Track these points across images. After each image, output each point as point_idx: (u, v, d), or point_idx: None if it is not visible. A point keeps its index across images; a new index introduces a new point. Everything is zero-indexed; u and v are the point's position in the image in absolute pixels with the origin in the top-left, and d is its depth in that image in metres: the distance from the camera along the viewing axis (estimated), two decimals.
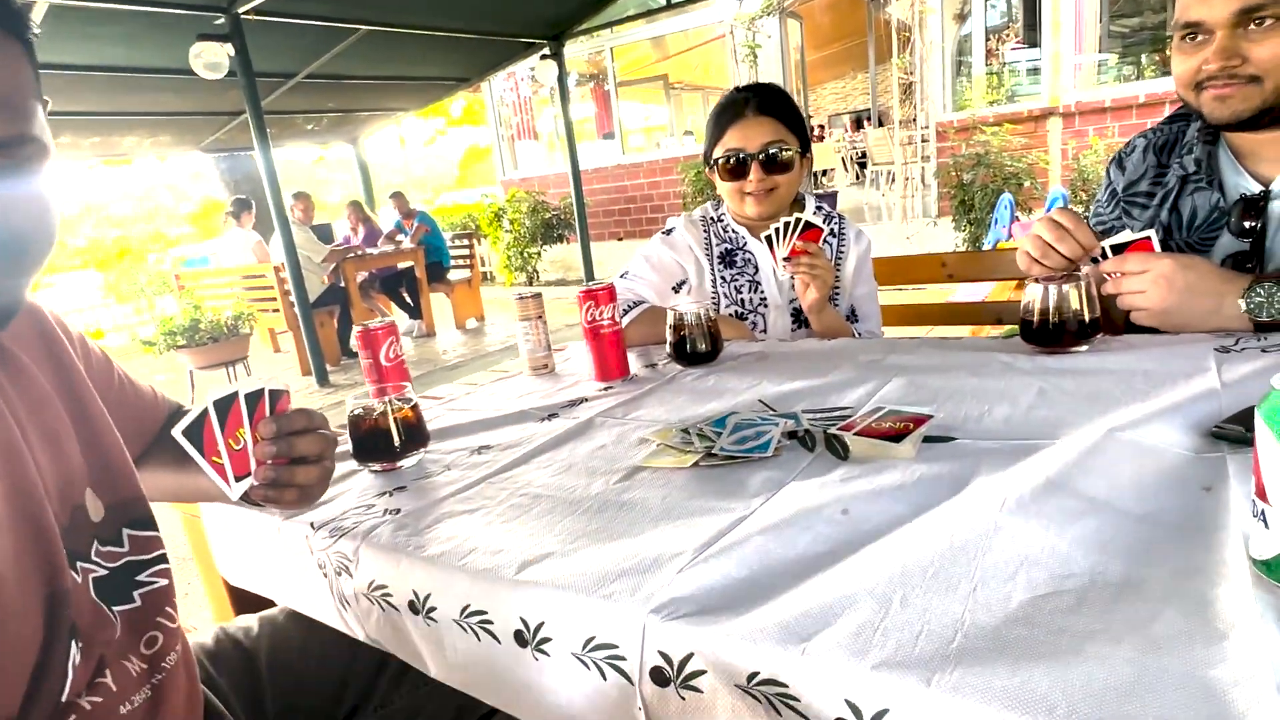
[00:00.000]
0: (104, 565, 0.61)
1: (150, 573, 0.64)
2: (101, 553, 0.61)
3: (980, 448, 0.74)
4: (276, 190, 4.88)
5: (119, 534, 0.63)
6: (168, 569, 0.66)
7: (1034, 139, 6.35)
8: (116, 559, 0.62)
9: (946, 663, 0.43)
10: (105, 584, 0.60)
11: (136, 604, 0.62)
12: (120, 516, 0.64)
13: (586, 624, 0.56)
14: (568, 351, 1.47)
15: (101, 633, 0.58)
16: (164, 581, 0.65)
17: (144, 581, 0.63)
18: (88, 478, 0.62)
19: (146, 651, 0.61)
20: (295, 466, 0.70)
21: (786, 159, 1.44)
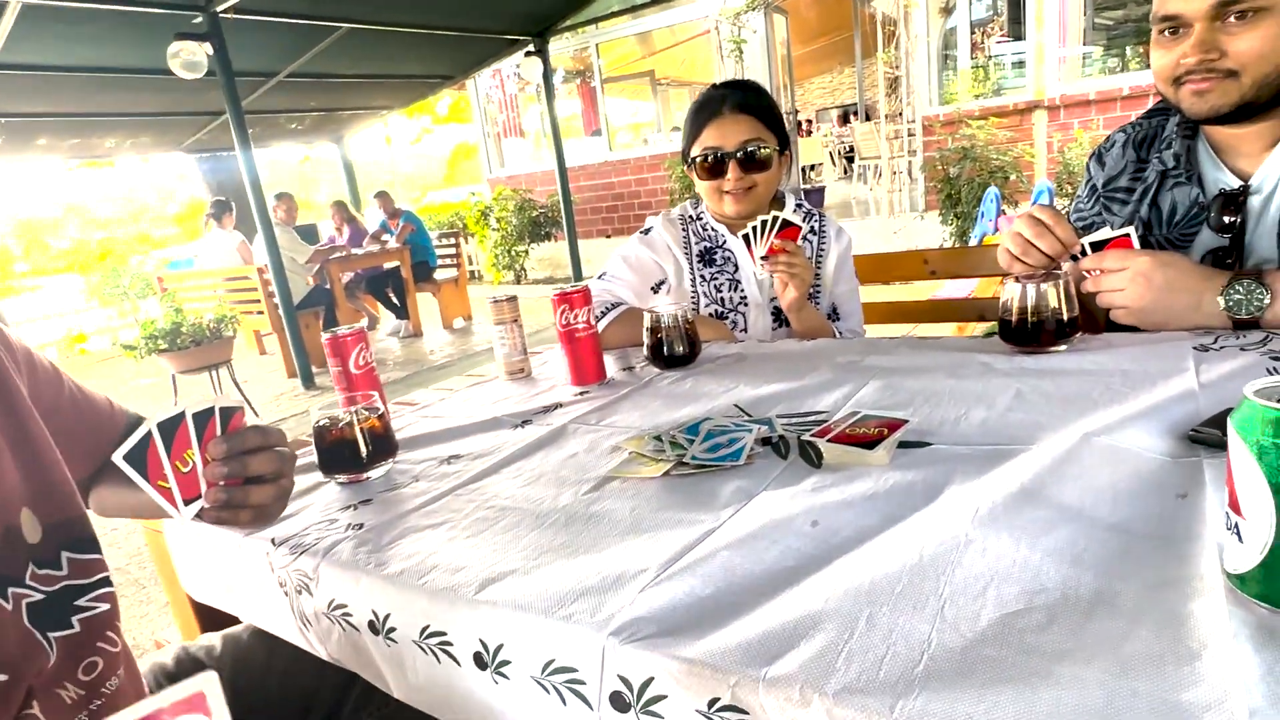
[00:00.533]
0: (40, 589, 0.58)
1: (91, 597, 0.61)
2: (38, 576, 0.58)
3: (955, 453, 0.72)
4: (259, 191, 4.82)
5: (57, 556, 0.60)
6: (111, 593, 0.64)
7: (1019, 132, 6.37)
8: (54, 583, 0.59)
9: (911, 688, 0.42)
10: (40, 609, 0.58)
11: (75, 630, 0.59)
12: (59, 538, 0.61)
13: (546, 646, 0.54)
14: (547, 355, 1.45)
15: (31, 662, 0.55)
16: (106, 606, 0.63)
17: (84, 606, 0.61)
18: (24, 497, 0.60)
19: (84, 678, 0.59)
20: (250, 486, 0.68)
21: (764, 157, 1.42)
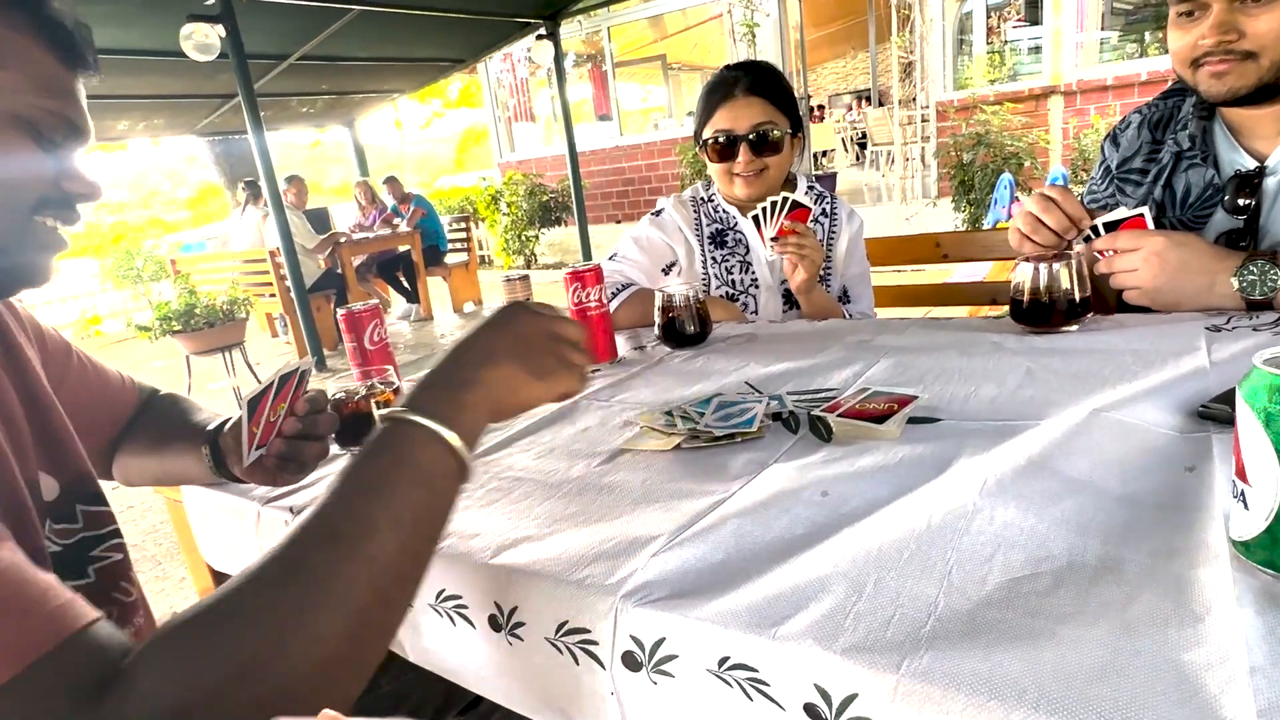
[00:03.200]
0: (57, 542, 0.60)
1: (104, 547, 0.64)
2: (56, 530, 0.60)
3: (964, 428, 0.73)
4: (271, 174, 4.84)
5: (73, 510, 0.63)
6: (122, 543, 0.66)
7: (1035, 118, 6.31)
8: (71, 535, 0.62)
9: (918, 647, 0.43)
10: (60, 561, 0.60)
11: (91, 579, 0.62)
12: (74, 493, 0.64)
13: (560, 608, 0.55)
14: None
15: None
16: (119, 556, 0.65)
17: (98, 556, 0.63)
18: (39, 459, 0.62)
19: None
20: (306, 442, 0.71)
21: (776, 140, 1.42)
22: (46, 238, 0.60)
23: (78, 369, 0.76)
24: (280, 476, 0.72)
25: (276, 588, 0.41)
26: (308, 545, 0.43)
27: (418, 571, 0.48)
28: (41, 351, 0.71)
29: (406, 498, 0.47)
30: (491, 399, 0.55)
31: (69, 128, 0.59)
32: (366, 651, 0.45)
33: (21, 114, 0.55)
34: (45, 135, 0.57)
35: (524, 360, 0.57)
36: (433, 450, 0.50)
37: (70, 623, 0.38)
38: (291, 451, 0.71)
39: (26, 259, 0.59)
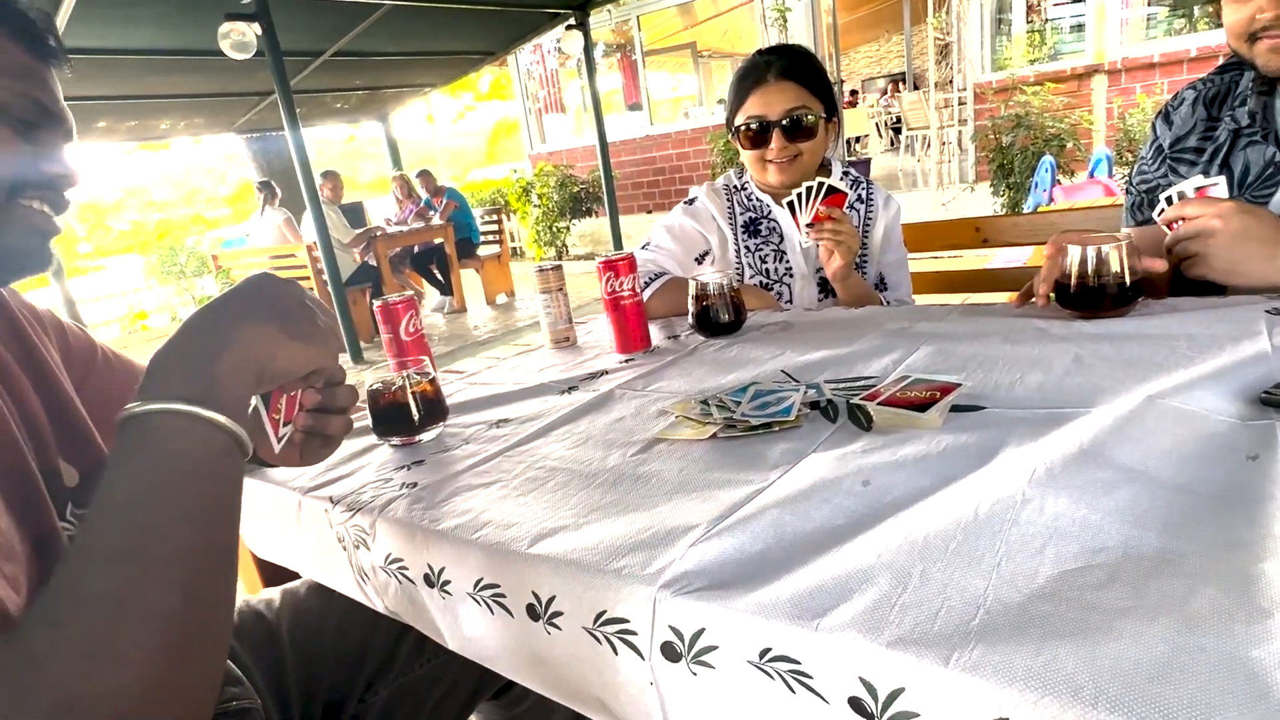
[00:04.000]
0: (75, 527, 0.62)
1: None
2: (77, 514, 0.62)
3: (1010, 417, 0.71)
4: (307, 170, 4.92)
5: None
6: None
7: (1077, 98, 6.13)
8: None
9: (966, 640, 0.41)
10: None
11: None
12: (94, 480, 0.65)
13: (598, 598, 0.55)
14: (591, 325, 1.46)
15: None
16: None
17: None
18: (57, 449, 0.63)
19: None
20: (330, 416, 0.71)
21: (810, 125, 1.40)
22: (33, 220, 0.60)
23: (103, 364, 0.78)
24: (305, 454, 0.71)
25: (69, 625, 0.39)
26: (92, 572, 0.40)
27: (226, 561, 0.45)
28: (62, 348, 0.73)
29: (185, 493, 0.44)
30: (250, 360, 0.50)
31: (40, 111, 0.59)
32: (198, 659, 0.42)
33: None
34: (15, 119, 0.57)
35: (278, 321, 0.53)
36: (194, 435, 0.46)
37: None
38: (316, 425, 0.70)
39: (14, 244, 0.60)
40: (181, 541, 0.43)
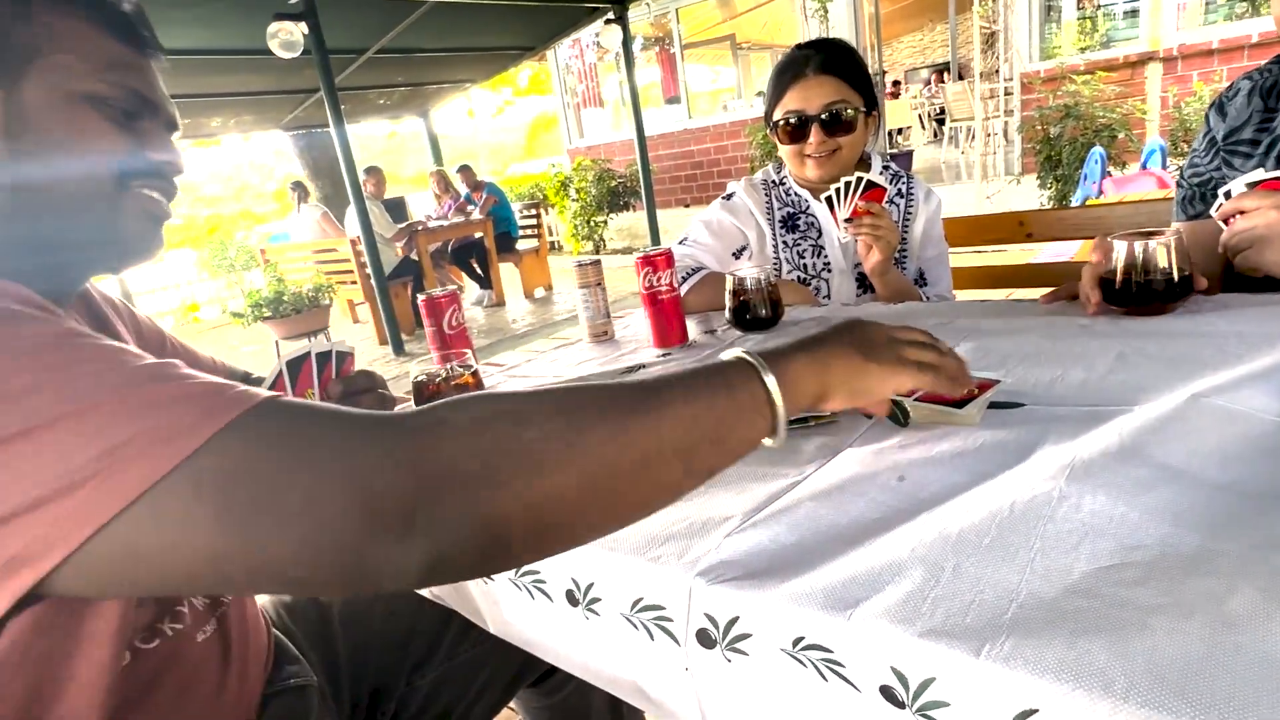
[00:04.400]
0: None
1: None
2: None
3: (1050, 414, 0.70)
4: (351, 165, 5.02)
5: None
6: None
7: (1130, 87, 5.93)
8: None
9: (998, 633, 0.42)
10: None
11: None
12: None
13: (635, 585, 0.57)
14: (629, 319, 1.48)
15: None
16: None
17: None
18: None
19: None
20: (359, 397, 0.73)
21: (849, 119, 1.39)
22: (147, 206, 0.63)
23: (170, 353, 0.82)
24: None
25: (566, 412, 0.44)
26: (600, 402, 0.45)
27: (682, 478, 0.48)
28: (138, 339, 0.77)
29: (708, 404, 0.48)
30: (825, 375, 0.56)
31: (140, 101, 0.61)
32: (608, 510, 0.45)
33: (86, 91, 0.58)
34: (118, 110, 0.59)
35: (864, 350, 0.58)
36: (751, 384, 0.51)
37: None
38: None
39: (130, 229, 0.62)
40: (677, 424, 0.46)
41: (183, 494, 0.38)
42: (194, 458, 0.38)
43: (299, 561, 0.38)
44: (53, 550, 0.37)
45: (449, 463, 0.40)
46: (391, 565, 0.38)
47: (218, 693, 0.63)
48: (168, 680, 0.59)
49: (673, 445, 0.46)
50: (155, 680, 0.58)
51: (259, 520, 0.38)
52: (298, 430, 0.41)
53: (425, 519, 0.39)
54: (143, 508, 0.37)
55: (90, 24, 0.59)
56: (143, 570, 0.38)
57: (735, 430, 0.50)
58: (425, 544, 0.38)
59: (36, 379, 0.39)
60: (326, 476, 0.39)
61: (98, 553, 0.37)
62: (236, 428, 0.40)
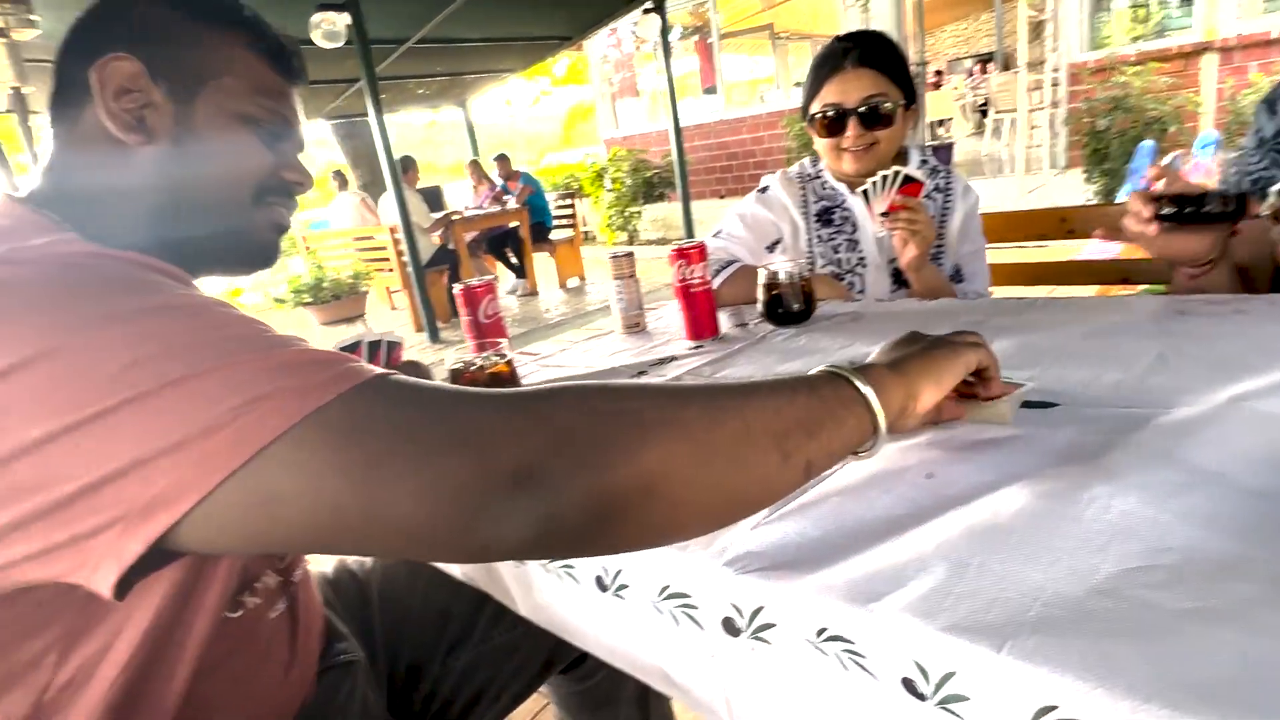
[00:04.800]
0: None
1: None
2: None
3: (1084, 415, 0.70)
4: (390, 155, 5.09)
5: None
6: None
7: (1183, 78, 5.74)
8: None
9: (1021, 630, 0.42)
10: None
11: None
12: None
13: (662, 573, 0.58)
14: (661, 311, 1.49)
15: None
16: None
17: None
18: None
19: (280, 564, 0.69)
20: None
21: (887, 113, 1.38)
22: (274, 219, 0.70)
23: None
24: None
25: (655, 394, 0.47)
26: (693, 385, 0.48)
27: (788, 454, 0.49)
28: None
29: (790, 397, 0.51)
30: (903, 371, 0.59)
31: (284, 125, 0.69)
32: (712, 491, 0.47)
33: (245, 113, 0.66)
34: (266, 130, 0.67)
35: (926, 344, 0.63)
36: (835, 383, 0.54)
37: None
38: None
39: (258, 239, 0.70)
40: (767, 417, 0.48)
41: (310, 443, 0.40)
42: (323, 410, 0.41)
43: (416, 515, 0.40)
44: (187, 493, 0.39)
45: (564, 426, 0.42)
46: (506, 525, 0.40)
47: (286, 667, 0.67)
48: (244, 652, 0.62)
49: (762, 427, 0.48)
50: (234, 650, 0.61)
51: (380, 471, 0.40)
52: (419, 394, 0.44)
53: (540, 479, 0.40)
54: (272, 455, 0.40)
55: (255, 53, 0.67)
56: (267, 520, 0.41)
57: (824, 425, 0.51)
58: (539, 505, 0.40)
59: (195, 336, 0.43)
60: (447, 432, 0.41)
61: (227, 499, 0.40)
62: (363, 389, 0.43)
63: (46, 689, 0.50)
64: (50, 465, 0.39)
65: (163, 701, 0.56)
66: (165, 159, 0.63)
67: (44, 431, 0.39)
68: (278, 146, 0.69)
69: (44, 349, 0.40)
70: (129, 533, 0.40)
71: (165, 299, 0.46)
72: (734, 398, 0.49)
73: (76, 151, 0.63)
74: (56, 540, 0.40)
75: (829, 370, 0.56)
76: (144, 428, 0.40)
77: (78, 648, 0.50)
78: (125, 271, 0.47)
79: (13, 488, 0.40)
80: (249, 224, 0.69)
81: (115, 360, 0.41)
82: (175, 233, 0.64)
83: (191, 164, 0.64)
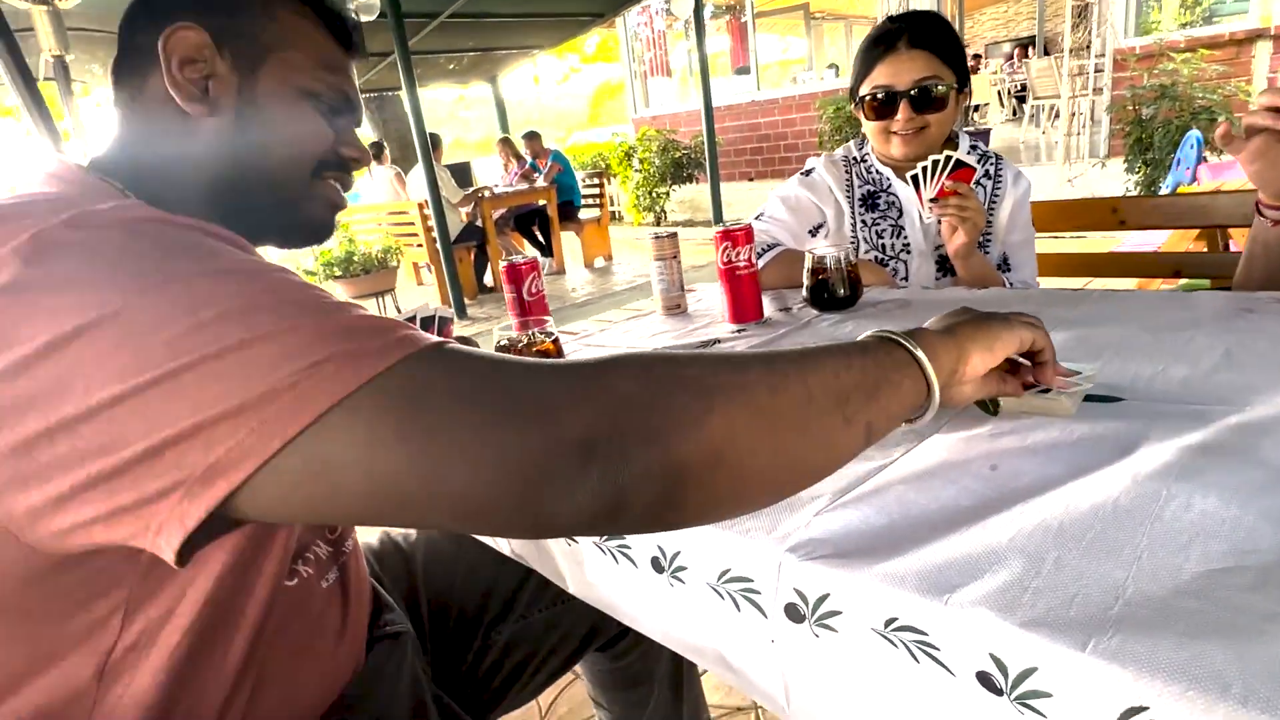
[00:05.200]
0: None
1: None
2: None
3: (1152, 410, 0.68)
4: (422, 129, 5.10)
5: None
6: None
7: (1234, 66, 5.56)
8: None
9: (1104, 628, 0.42)
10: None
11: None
12: None
13: (722, 556, 0.58)
14: (700, 293, 1.48)
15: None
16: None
17: None
18: None
19: (330, 536, 0.70)
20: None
21: (940, 96, 1.34)
22: (330, 195, 0.70)
23: None
24: None
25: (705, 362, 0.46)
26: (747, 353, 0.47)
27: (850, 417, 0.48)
28: None
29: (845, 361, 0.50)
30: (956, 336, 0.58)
31: (345, 101, 0.69)
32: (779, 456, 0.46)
33: (308, 87, 0.66)
34: (326, 105, 0.67)
35: (981, 315, 0.61)
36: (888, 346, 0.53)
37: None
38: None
39: (315, 214, 0.70)
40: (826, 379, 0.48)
41: (369, 410, 0.40)
42: (383, 376, 0.40)
43: (478, 486, 0.39)
44: (247, 459, 0.39)
45: (629, 395, 0.42)
46: (571, 497, 0.39)
47: (338, 637, 0.68)
48: (298, 620, 0.63)
49: (823, 390, 0.47)
50: (289, 619, 0.62)
51: (441, 440, 0.39)
52: (480, 363, 0.43)
53: (608, 451, 0.39)
54: (331, 421, 0.39)
55: (319, 28, 0.67)
56: (326, 488, 0.40)
57: (881, 387, 0.51)
58: (606, 477, 0.39)
59: (254, 300, 0.43)
60: (512, 402, 0.41)
61: (287, 466, 0.39)
62: (423, 355, 0.42)
63: (112, 650, 0.51)
64: (115, 428, 0.40)
65: (223, 668, 0.57)
66: (227, 130, 0.63)
67: (109, 394, 0.39)
68: (337, 122, 0.69)
69: (108, 312, 0.41)
70: (191, 498, 0.40)
71: (226, 263, 0.46)
72: (792, 363, 0.48)
73: (140, 120, 0.63)
74: (122, 503, 0.41)
75: (879, 334, 0.55)
76: (204, 391, 0.39)
77: (142, 611, 0.51)
78: (188, 236, 0.47)
79: (79, 451, 0.40)
80: (306, 198, 0.69)
81: (176, 323, 0.41)
82: (234, 204, 0.64)
83: (253, 136, 0.64)
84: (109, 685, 0.52)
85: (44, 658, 0.50)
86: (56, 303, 0.41)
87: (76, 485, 0.41)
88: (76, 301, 0.41)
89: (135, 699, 0.52)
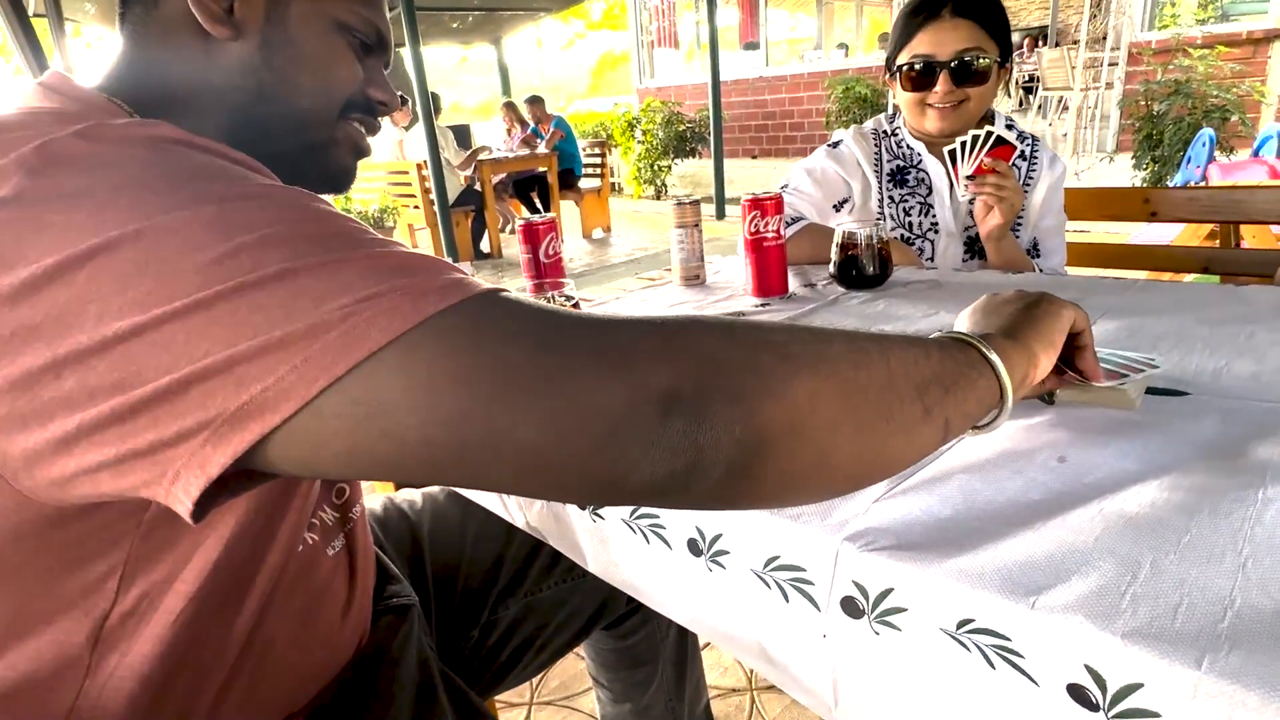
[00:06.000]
0: None
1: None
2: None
3: (1222, 406, 0.64)
4: (424, 86, 4.98)
5: None
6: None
7: (1250, 65, 5.51)
8: None
9: (1218, 643, 0.37)
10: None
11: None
12: None
13: (770, 542, 0.53)
14: (717, 264, 1.42)
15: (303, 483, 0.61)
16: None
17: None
18: None
19: (337, 501, 0.65)
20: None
21: (982, 69, 1.29)
22: (354, 138, 0.64)
23: None
24: None
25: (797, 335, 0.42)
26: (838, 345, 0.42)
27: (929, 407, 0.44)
28: None
29: (924, 351, 0.46)
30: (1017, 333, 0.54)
31: (378, 37, 0.62)
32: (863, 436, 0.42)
33: (339, 19, 0.59)
34: (360, 41, 0.61)
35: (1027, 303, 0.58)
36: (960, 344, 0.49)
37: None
38: None
39: (337, 158, 0.63)
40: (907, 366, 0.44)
41: (430, 349, 0.35)
42: (445, 315, 0.35)
43: (546, 438, 0.35)
44: (286, 400, 0.34)
45: (710, 351, 0.37)
46: (647, 456, 0.35)
47: (344, 608, 0.63)
48: (304, 589, 0.59)
49: (904, 375, 0.43)
50: (295, 587, 0.57)
51: (509, 384, 0.35)
52: (548, 310, 0.38)
53: (690, 407, 0.35)
54: (385, 360, 0.34)
55: None
56: (374, 435, 0.35)
57: (959, 383, 0.46)
58: (686, 435, 0.35)
59: (297, 228, 0.38)
60: (590, 348, 0.36)
61: (329, 409, 0.34)
62: (487, 297, 0.37)
63: (108, 616, 0.46)
64: (133, 363, 0.34)
65: (226, 639, 0.52)
66: (252, 58, 0.56)
67: (128, 324, 0.34)
68: (369, 61, 0.63)
69: (129, 231, 0.35)
70: (216, 442, 0.35)
71: (264, 187, 0.40)
72: (874, 341, 0.44)
73: (153, 41, 0.56)
74: (135, 446, 0.35)
75: (951, 334, 0.51)
76: (241, 322, 0.34)
77: (142, 575, 0.46)
78: (216, 160, 0.42)
79: (90, 387, 0.35)
80: (330, 140, 0.62)
81: (209, 246, 0.35)
82: (252, 140, 0.57)
83: (280, 67, 0.57)
84: (104, 653, 0.47)
85: (31, 620, 0.45)
86: (67, 220, 0.36)
87: (85, 425, 0.35)
88: (91, 219, 0.35)
89: (132, 669, 0.48)
